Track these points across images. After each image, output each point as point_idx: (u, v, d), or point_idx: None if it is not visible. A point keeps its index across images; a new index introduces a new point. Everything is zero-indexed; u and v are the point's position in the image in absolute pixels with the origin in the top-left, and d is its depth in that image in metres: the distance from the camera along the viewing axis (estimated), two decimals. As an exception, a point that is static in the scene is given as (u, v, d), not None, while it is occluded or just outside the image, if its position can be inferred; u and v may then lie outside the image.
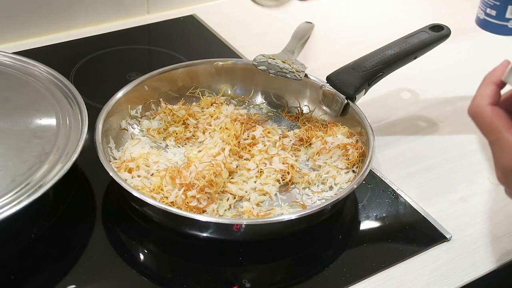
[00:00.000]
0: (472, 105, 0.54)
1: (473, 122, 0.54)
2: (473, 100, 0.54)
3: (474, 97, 0.54)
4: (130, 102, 0.80)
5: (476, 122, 0.54)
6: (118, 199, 0.73)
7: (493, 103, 0.53)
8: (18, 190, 0.63)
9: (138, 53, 1.03)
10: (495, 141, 0.52)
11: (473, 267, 0.68)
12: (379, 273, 0.66)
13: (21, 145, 0.70)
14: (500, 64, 0.55)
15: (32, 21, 1.01)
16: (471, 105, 0.54)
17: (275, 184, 0.73)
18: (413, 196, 0.76)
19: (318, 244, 0.70)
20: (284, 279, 0.67)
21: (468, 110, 0.55)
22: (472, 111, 0.54)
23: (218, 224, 0.65)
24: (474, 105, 0.54)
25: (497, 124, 0.52)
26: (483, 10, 1.12)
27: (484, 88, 0.54)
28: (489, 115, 0.53)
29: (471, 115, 0.54)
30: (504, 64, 0.55)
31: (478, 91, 0.55)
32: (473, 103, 0.54)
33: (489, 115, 0.53)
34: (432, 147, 0.85)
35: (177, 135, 0.79)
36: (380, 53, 0.81)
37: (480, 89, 0.55)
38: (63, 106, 0.75)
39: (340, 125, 0.80)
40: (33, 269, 0.64)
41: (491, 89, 0.54)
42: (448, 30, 0.84)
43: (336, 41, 1.07)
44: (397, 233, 0.71)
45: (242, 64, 0.86)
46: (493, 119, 0.52)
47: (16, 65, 0.81)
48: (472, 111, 0.54)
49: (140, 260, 0.67)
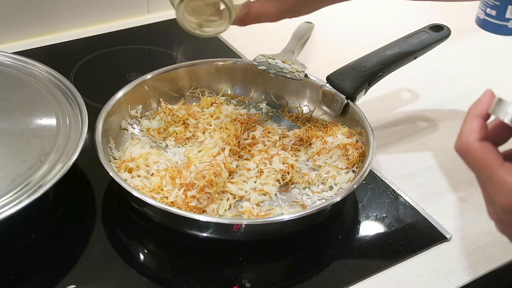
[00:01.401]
0: (460, 142, 0.50)
1: (462, 159, 0.51)
2: (460, 137, 0.50)
3: (461, 133, 0.50)
4: (130, 102, 0.80)
5: (465, 160, 0.50)
6: (118, 199, 0.73)
7: (481, 138, 0.49)
8: (18, 190, 0.63)
9: (138, 53, 1.03)
10: (488, 179, 0.49)
11: (473, 267, 0.68)
12: (379, 273, 0.66)
13: (21, 145, 0.70)
14: (484, 95, 0.51)
15: (32, 21, 1.01)
16: (458, 142, 0.50)
17: (275, 184, 0.73)
18: (413, 196, 0.76)
19: (318, 244, 0.69)
20: (284, 279, 0.67)
21: (456, 147, 0.51)
22: (460, 149, 0.50)
23: (218, 224, 0.65)
24: (462, 142, 0.50)
25: (489, 161, 0.49)
26: (483, 10, 1.12)
27: (470, 123, 0.50)
28: (478, 152, 0.49)
29: (460, 152, 0.50)
30: (488, 95, 0.51)
31: (464, 126, 0.51)
32: (461, 139, 0.50)
33: (479, 152, 0.49)
34: (432, 147, 0.85)
35: (177, 135, 0.79)
36: (380, 53, 0.81)
37: (466, 124, 0.50)
38: (63, 106, 0.75)
39: (340, 125, 0.80)
40: (33, 269, 0.64)
41: (478, 123, 0.50)
42: (448, 30, 0.84)
43: (336, 41, 1.07)
44: (397, 233, 0.71)
45: (242, 64, 0.86)
46: (484, 156, 0.49)
47: (16, 65, 0.81)
48: (461, 149, 0.50)
49: (140, 260, 0.67)
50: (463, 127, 0.51)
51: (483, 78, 1.00)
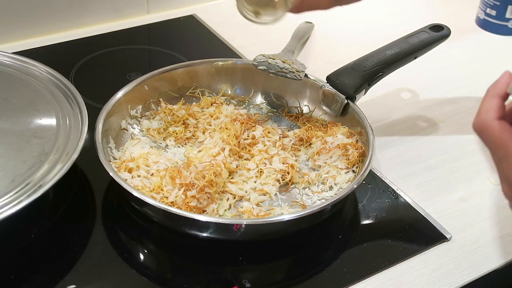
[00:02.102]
0: (478, 120, 0.51)
1: (478, 137, 0.52)
2: (478, 115, 0.51)
3: (479, 111, 0.51)
4: (130, 102, 0.80)
5: (483, 137, 0.51)
6: (118, 199, 0.73)
7: (499, 117, 0.50)
8: (18, 190, 0.63)
9: (138, 53, 1.03)
10: (504, 157, 0.50)
11: (473, 267, 0.68)
12: (379, 273, 0.66)
13: (21, 145, 0.70)
14: (502, 76, 0.52)
15: (32, 21, 1.01)
16: (476, 120, 0.51)
17: (275, 184, 0.73)
18: (413, 196, 0.76)
19: (318, 244, 0.69)
20: (284, 279, 0.67)
21: (474, 125, 0.52)
22: (478, 126, 0.51)
23: (218, 224, 0.65)
24: (480, 120, 0.51)
25: (506, 140, 0.49)
26: (483, 10, 1.12)
27: (489, 102, 0.51)
28: (497, 130, 0.50)
29: (478, 130, 0.51)
30: (506, 75, 0.52)
31: (482, 104, 0.52)
32: (479, 117, 0.51)
33: (497, 130, 0.50)
34: (432, 147, 0.85)
35: (177, 135, 0.79)
36: (380, 53, 0.81)
37: (484, 103, 0.52)
38: (63, 106, 0.75)
39: (340, 125, 0.80)
40: (33, 269, 0.64)
41: (496, 103, 0.51)
42: (448, 30, 0.84)
43: (336, 41, 1.07)
44: (397, 233, 0.71)
45: (242, 64, 0.86)
46: (502, 135, 0.50)
47: (16, 65, 0.81)
48: (479, 126, 0.51)
49: (140, 260, 0.67)
50: (482, 106, 0.51)
51: (483, 78, 0.99)
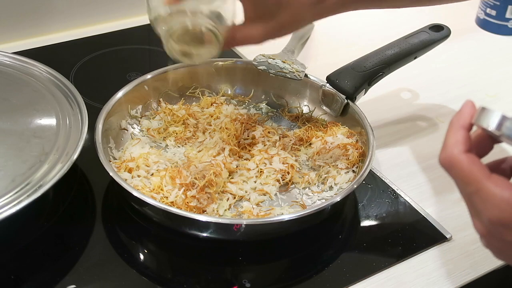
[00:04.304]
0: (445, 155, 0.48)
1: (447, 173, 0.49)
2: (445, 149, 0.48)
3: (445, 146, 0.48)
4: (130, 102, 0.80)
5: (451, 173, 0.48)
6: (118, 199, 0.73)
7: (467, 150, 0.48)
8: (18, 190, 0.63)
9: (138, 53, 1.03)
10: (475, 192, 0.47)
11: (473, 267, 0.68)
12: (379, 273, 0.66)
13: (21, 145, 0.70)
14: (465, 106, 0.50)
15: (32, 21, 1.01)
16: (442, 154, 0.48)
17: (275, 184, 0.73)
18: (413, 196, 0.76)
19: (318, 244, 0.69)
20: (284, 279, 0.67)
21: (440, 160, 0.49)
22: (446, 162, 0.48)
23: (218, 224, 0.65)
24: (447, 155, 0.48)
25: (476, 174, 0.47)
26: (483, 10, 1.12)
27: (455, 134, 0.48)
28: (465, 164, 0.47)
29: (445, 165, 0.48)
30: (469, 105, 0.50)
31: (448, 138, 0.49)
32: (445, 152, 0.48)
33: (466, 164, 0.47)
34: (432, 147, 0.84)
35: (177, 135, 0.79)
36: (380, 53, 0.81)
37: (450, 136, 0.49)
38: (63, 106, 0.75)
39: (340, 125, 0.80)
40: (33, 269, 0.64)
41: (462, 135, 0.48)
42: (448, 30, 0.84)
43: (336, 41, 1.07)
44: (397, 233, 0.71)
45: (242, 64, 0.86)
46: (471, 169, 0.47)
47: (16, 65, 0.81)
48: (446, 162, 0.48)
49: (140, 260, 0.67)
50: (447, 139, 0.49)
51: (483, 78, 1.00)
